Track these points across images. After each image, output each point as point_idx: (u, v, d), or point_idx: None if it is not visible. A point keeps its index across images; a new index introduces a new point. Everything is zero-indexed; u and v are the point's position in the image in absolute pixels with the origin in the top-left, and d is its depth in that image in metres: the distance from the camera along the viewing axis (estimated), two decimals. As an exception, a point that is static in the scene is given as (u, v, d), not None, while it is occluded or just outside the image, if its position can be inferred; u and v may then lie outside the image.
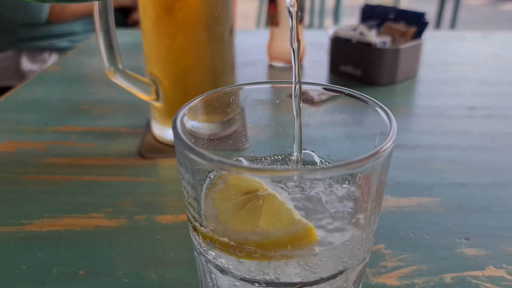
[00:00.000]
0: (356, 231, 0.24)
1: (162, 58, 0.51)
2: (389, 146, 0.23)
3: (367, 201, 0.24)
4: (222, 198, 0.25)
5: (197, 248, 0.26)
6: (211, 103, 0.30)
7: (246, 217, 0.23)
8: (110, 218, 0.43)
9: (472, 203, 0.46)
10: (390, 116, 0.26)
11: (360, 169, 0.22)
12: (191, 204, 0.25)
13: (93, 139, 0.57)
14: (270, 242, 0.21)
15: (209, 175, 0.26)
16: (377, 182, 0.23)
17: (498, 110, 0.66)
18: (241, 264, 0.23)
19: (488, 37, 1.03)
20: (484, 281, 0.36)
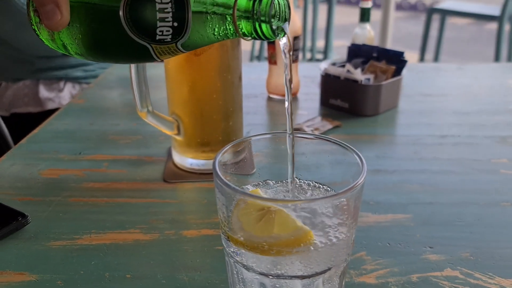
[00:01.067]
0: (340, 238, 0.34)
1: (183, 100, 0.62)
2: (361, 182, 0.34)
3: (347, 219, 0.35)
4: (244, 214, 0.36)
5: (228, 252, 0.37)
6: (232, 148, 0.40)
7: (263, 227, 0.34)
8: (145, 233, 0.54)
9: (437, 219, 0.57)
10: (363, 160, 0.36)
11: (340, 199, 0.33)
12: (224, 220, 0.36)
13: (123, 166, 0.68)
14: (281, 243, 0.32)
15: (234, 198, 0.37)
16: (353, 206, 0.34)
17: (465, 139, 0.78)
18: (260, 261, 0.34)
19: (463, 69, 1.15)
20: (442, 280, 0.47)
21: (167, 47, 0.38)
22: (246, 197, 0.34)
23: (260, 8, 0.35)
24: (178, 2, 0.36)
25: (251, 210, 0.35)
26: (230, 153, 0.39)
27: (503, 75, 1.11)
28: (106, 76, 1.10)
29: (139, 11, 0.36)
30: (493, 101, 0.95)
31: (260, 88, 0.98)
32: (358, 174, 0.35)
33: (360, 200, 0.35)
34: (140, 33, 0.36)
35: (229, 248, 0.36)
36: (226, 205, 0.35)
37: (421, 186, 0.64)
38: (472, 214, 0.58)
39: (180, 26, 0.36)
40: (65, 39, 0.40)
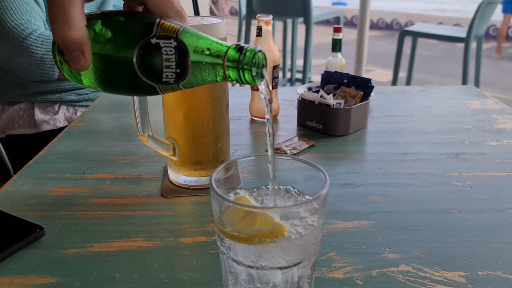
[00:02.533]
0: (309, 233, 0.44)
1: (178, 125, 0.71)
2: (324, 192, 0.44)
3: (314, 219, 0.44)
4: (233, 213, 0.46)
5: (222, 250, 0.47)
6: (223, 167, 0.50)
7: (248, 222, 0.43)
8: (148, 241, 0.63)
9: (395, 224, 0.67)
10: (326, 176, 0.47)
11: (309, 206, 0.43)
12: (218, 218, 0.45)
13: (124, 184, 0.77)
14: (262, 234, 0.42)
15: (224, 205, 0.47)
16: (319, 210, 0.44)
17: (424, 155, 0.89)
18: (247, 253, 0.44)
19: (426, 91, 1.28)
20: (397, 274, 0.57)
21: (170, 86, 0.48)
22: (233, 205, 0.44)
23: (244, 59, 0.45)
24: (180, 54, 0.46)
25: (238, 210, 0.45)
26: (222, 171, 0.48)
27: (462, 97, 1.24)
28: (101, 101, 1.19)
29: (150, 60, 0.46)
30: (451, 121, 1.06)
31: (244, 111, 1.08)
32: (324, 187, 0.45)
33: (324, 206, 0.45)
34: (149, 76, 0.46)
35: (222, 245, 0.46)
36: (220, 209, 0.45)
37: (383, 197, 0.74)
38: (425, 220, 0.68)
39: (181, 72, 0.46)
40: (84, 78, 0.49)
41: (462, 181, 0.79)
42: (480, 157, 0.89)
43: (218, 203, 0.44)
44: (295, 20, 3.33)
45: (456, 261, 0.59)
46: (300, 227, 0.44)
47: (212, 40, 0.46)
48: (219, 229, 0.45)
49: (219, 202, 0.44)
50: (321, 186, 0.47)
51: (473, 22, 2.85)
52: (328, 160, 0.87)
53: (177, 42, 0.45)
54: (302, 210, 0.44)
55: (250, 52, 0.45)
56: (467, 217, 0.69)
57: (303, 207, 0.43)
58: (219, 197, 0.43)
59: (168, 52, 0.45)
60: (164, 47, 0.45)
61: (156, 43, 0.45)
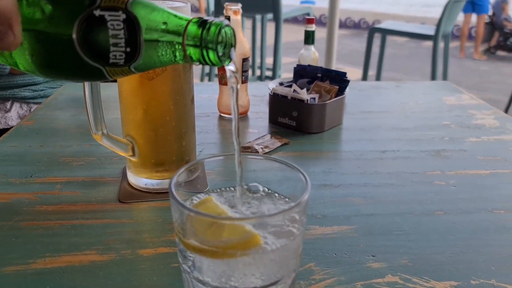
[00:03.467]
0: (288, 244, 0.37)
1: (137, 122, 0.64)
2: (306, 198, 0.37)
3: (296, 225, 0.38)
4: (197, 221, 0.39)
5: (185, 269, 0.39)
6: (187, 169, 0.43)
7: (214, 232, 0.36)
8: (101, 254, 0.55)
9: (378, 229, 0.61)
10: (307, 178, 0.40)
11: (288, 215, 0.37)
12: (179, 229, 0.38)
13: (76, 188, 0.69)
14: (232, 245, 0.35)
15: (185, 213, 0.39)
16: (299, 218, 0.38)
17: (403, 153, 0.84)
18: (215, 273, 0.37)
19: (400, 86, 1.23)
20: (384, 286, 0.51)
21: (120, 69, 0.40)
22: (196, 215, 0.37)
23: (208, 36, 0.38)
24: (131, 29, 0.38)
25: (203, 218, 0.38)
26: (185, 174, 0.41)
27: (437, 92, 1.20)
28: (56, 97, 1.10)
29: (93, 36, 0.38)
30: (428, 117, 1.02)
31: (211, 108, 1.01)
32: (304, 190, 0.38)
33: (306, 213, 0.39)
34: (93, 57, 0.38)
35: (185, 262, 0.39)
36: (180, 217, 0.37)
37: (364, 199, 0.68)
38: (409, 223, 0.63)
39: (132, 51, 0.39)
40: (18, 59, 0.41)
41: (445, 179, 0.74)
42: (461, 154, 0.84)
43: (178, 210, 0.37)
44: (264, 16, 3.28)
45: (445, 269, 0.54)
46: (277, 236, 0.37)
47: (170, 13, 0.39)
48: (180, 240, 0.38)
49: (179, 209, 0.37)
50: (299, 188, 0.40)
51: (441, 20, 2.86)
52: (302, 159, 0.81)
53: (127, 15, 0.38)
54: (281, 218, 0.37)
55: (215, 27, 0.38)
56: (453, 219, 0.64)
57: (282, 215, 0.37)
58: (178, 204, 0.36)
59: (116, 26, 0.38)
60: (110, 21, 0.37)
61: (100, 16, 0.37)
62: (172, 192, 0.37)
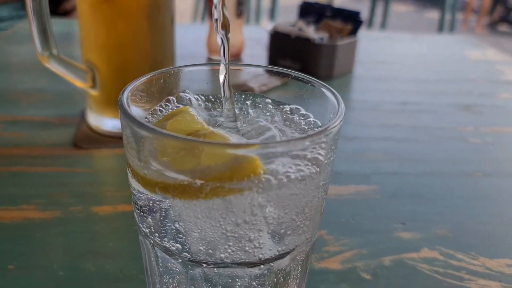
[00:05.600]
0: (310, 171, 0.23)
1: (100, 44, 0.49)
2: (340, 120, 0.23)
3: (322, 157, 0.24)
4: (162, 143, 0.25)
5: (142, 229, 0.25)
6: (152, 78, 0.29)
7: (186, 157, 0.22)
8: (42, 210, 0.41)
9: (405, 191, 0.48)
10: (336, 94, 0.26)
11: (317, 140, 0.23)
12: (134, 159, 0.24)
13: (24, 129, 0.54)
14: (214, 177, 0.21)
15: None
16: (331, 146, 0.24)
17: (427, 106, 0.70)
18: (187, 222, 0.23)
19: (416, 39, 1.09)
20: (420, 262, 0.38)
21: None
22: (160, 136, 0.22)
23: None
24: None
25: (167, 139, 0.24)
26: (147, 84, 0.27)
27: (458, 46, 1.06)
28: (16, 31, 0.93)
29: None
30: (451, 70, 0.88)
31: (198, 49, 0.86)
32: (338, 106, 0.24)
33: (337, 142, 0.25)
34: None
35: (142, 217, 0.25)
36: (135, 138, 0.23)
37: (385, 155, 0.55)
38: (443, 186, 0.49)
39: None
40: None
41: (480, 137, 0.61)
42: (495, 110, 0.71)
43: (128, 127, 0.23)
44: None
45: (496, 244, 0.41)
46: (290, 170, 0.23)
47: None
48: (134, 175, 0.24)
49: (129, 126, 0.23)
50: (320, 108, 0.26)
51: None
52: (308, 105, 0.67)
53: None
54: (304, 144, 0.23)
55: None
56: (496, 182, 0.51)
57: (310, 140, 0.22)
58: (129, 119, 0.22)
59: None
60: None
61: None
62: (122, 101, 0.23)
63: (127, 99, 0.25)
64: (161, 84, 0.29)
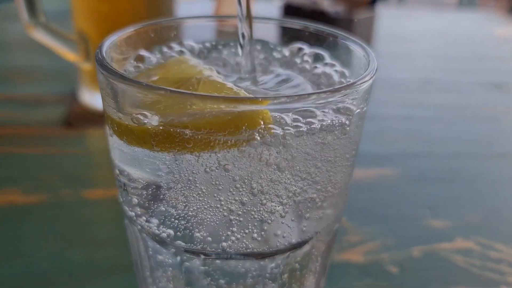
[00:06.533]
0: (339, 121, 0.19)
1: (92, 11, 0.44)
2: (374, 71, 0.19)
3: (350, 118, 0.19)
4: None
5: (127, 211, 0.21)
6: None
7: (173, 105, 0.18)
8: (28, 193, 0.37)
9: (433, 174, 0.43)
10: (367, 49, 0.21)
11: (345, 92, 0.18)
12: (109, 99, 0.20)
13: (13, 108, 0.50)
14: (210, 123, 0.17)
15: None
16: (362, 103, 0.19)
17: (453, 85, 0.64)
18: (179, 201, 0.18)
19: (437, 16, 1.02)
20: (454, 253, 0.33)
21: None
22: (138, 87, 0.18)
23: None
24: None
25: (159, 83, 0.20)
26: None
27: (482, 23, 0.99)
28: (11, 8, 0.89)
29: None
30: (477, 47, 0.82)
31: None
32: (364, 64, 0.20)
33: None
34: None
35: (126, 199, 0.20)
36: (111, 89, 0.19)
37: (408, 136, 0.50)
38: (475, 168, 0.44)
39: None
40: None
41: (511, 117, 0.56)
42: (526, 88, 0.65)
43: (105, 80, 0.18)
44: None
45: (540, 233, 0.36)
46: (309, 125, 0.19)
47: None
48: (115, 128, 0.20)
49: (105, 77, 0.18)
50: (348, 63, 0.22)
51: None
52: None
53: None
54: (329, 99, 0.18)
55: None
56: (534, 165, 0.46)
57: (341, 93, 0.18)
58: (103, 69, 0.17)
59: None
60: None
61: None
62: (101, 51, 0.19)
63: (107, 49, 0.21)
64: (152, 38, 0.24)
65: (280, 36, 0.30)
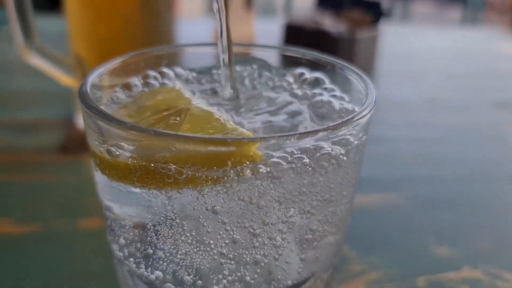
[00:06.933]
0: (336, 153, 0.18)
1: (89, 36, 0.43)
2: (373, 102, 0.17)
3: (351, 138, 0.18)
4: (130, 115, 0.20)
5: (116, 252, 0.20)
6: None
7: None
8: (20, 223, 0.36)
9: (441, 199, 0.41)
10: (365, 79, 0.20)
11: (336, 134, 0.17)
12: (93, 134, 0.19)
13: (6, 133, 0.49)
14: (194, 158, 0.16)
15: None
16: (353, 153, 0.18)
17: (459, 103, 0.63)
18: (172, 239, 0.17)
19: (442, 34, 1.02)
20: (460, 284, 0.32)
21: None
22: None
23: None
24: None
25: (147, 112, 0.19)
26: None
27: (487, 40, 0.98)
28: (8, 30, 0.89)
29: None
30: (483, 65, 0.81)
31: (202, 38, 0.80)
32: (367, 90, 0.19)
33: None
34: None
35: (113, 237, 0.19)
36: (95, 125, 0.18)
37: (415, 158, 0.48)
38: (485, 192, 0.43)
39: None
40: None
41: (522, 137, 0.54)
42: (535, 107, 0.63)
43: (88, 116, 0.18)
44: None
45: (554, 262, 0.34)
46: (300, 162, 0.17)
47: None
48: (97, 161, 0.19)
49: (90, 117, 0.17)
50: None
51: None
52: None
53: None
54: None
55: None
56: (546, 188, 0.44)
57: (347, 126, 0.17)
58: (87, 107, 0.17)
59: None
60: None
61: None
62: (85, 86, 0.18)
63: (92, 81, 0.20)
64: (142, 66, 0.23)
65: (280, 60, 0.29)
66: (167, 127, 0.19)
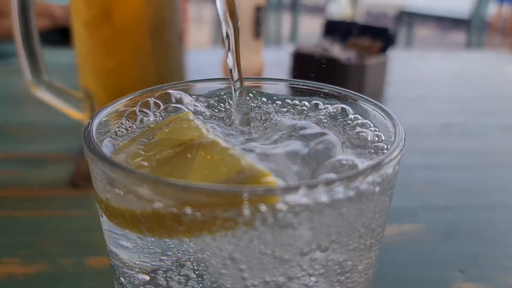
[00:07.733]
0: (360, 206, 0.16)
1: (98, 68, 0.43)
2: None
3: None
4: (138, 154, 0.19)
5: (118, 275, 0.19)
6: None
7: (170, 173, 0.17)
8: (27, 263, 0.34)
9: (461, 229, 0.40)
10: (393, 117, 0.19)
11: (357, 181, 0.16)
12: (105, 191, 0.18)
13: (15, 167, 0.48)
14: (206, 201, 0.15)
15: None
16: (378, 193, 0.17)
17: (473, 127, 0.62)
18: None
19: (449, 57, 1.01)
20: (490, 323, 0.30)
21: None
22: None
23: None
24: None
25: (157, 148, 0.19)
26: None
27: (496, 63, 0.97)
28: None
29: None
30: (493, 88, 0.80)
31: (214, 73, 0.80)
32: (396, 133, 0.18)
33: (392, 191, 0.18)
34: None
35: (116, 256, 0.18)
36: (104, 175, 0.17)
37: (431, 186, 0.47)
38: (508, 221, 0.41)
39: None
40: None
41: (540, 162, 0.52)
42: (550, 130, 0.62)
43: (96, 163, 0.17)
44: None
45: None
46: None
47: None
48: (102, 206, 0.18)
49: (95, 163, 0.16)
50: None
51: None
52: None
53: None
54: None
55: None
56: None
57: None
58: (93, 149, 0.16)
59: None
60: None
61: None
62: (91, 130, 0.17)
63: (97, 126, 0.19)
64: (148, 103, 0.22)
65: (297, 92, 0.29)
66: (176, 167, 0.18)
